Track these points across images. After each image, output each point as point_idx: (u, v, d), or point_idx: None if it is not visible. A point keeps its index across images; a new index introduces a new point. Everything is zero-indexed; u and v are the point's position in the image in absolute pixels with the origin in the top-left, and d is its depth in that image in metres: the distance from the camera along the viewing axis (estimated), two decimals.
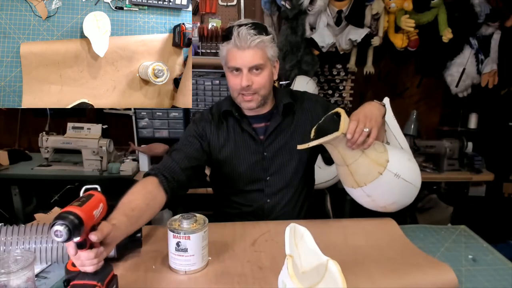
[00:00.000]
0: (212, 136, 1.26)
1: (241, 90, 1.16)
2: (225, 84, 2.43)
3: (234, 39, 1.11)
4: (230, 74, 1.18)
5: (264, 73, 1.16)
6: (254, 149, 1.25)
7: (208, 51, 2.48)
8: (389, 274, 0.89)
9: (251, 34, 1.10)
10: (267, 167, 1.26)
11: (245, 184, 1.27)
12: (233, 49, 1.13)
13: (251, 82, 1.15)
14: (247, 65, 1.13)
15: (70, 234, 0.67)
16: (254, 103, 1.19)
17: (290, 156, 1.26)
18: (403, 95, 2.75)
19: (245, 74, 1.14)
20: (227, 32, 1.15)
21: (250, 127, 1.25)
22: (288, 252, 0.75)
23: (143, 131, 2.52)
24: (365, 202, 1.13)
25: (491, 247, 1.07)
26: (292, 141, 1.26)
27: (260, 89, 1.17)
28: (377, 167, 1.03)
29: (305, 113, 1.29)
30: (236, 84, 1.16)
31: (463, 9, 2.39)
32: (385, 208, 1.13)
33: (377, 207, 1.14)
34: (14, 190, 2.33)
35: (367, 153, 1.04)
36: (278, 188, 1.27)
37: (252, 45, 1.11)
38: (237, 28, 1.11)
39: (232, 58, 1.14)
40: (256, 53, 1.13)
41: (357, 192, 1.09)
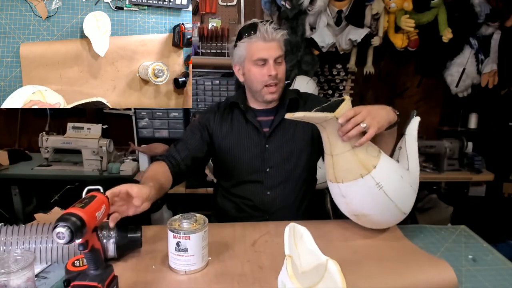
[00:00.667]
0: (215, 126, 1.33)
1: (269, 80, 1.23)
2: (225, 84, 2.43)
3: (261, 33, 1.20)
4: (255, 67, 1.24)
5: (283, 65, 1.27)
6: (257, 141, 1.30)
7: (208, 51, 2.48)
8: (389, 273, 0.90)
9: (274, 28, 1.22)
10: (268, 158, 1.30)
11: (246, 174, 1.31)
12: (258, 42, 1.22)
13: (277, 71, 1.24)
14: (274, 56, 1.22)
15: (72, 236, 0.67)
16: (276, 94, 1.27)
17: (291, 151, 1.30)
18: (403, 95, 2.75)
19: (272, 65, 1.22)
20: (247, 29, 1.24)
21: (255, 119, 1.31)
22: (288, 252, 0.75)
23: (143, 131, 2.52)
24: (339, 202, 1.09)
25: (491, 247, 1.07)
26: (294, 136, 1.31)
27: (281, 79, 1.27)
28: (361, 169, 0.98)
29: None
30: (263, 75, 1.23)
31: (463, 9, 2.39)
32: (357, 217, 1.08)
33: (350, 213, 1.09)
34: (14, 190, 2.33)
35: (357, 151, 0.98)
36: (278, 181, 1.30)
37: (276, 38, 1.22)
38: (262, 24, 1.22)
39: (258, 50, 1.22)
40: (278, 46, 1.24)
41: (334, 188, 1.05)
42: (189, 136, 1.32)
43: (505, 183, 2.64)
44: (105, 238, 0.92)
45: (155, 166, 1.21)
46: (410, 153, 1.08)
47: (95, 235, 0.75)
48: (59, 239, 0.67)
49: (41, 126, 2.51)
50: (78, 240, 0.69)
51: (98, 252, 0.75)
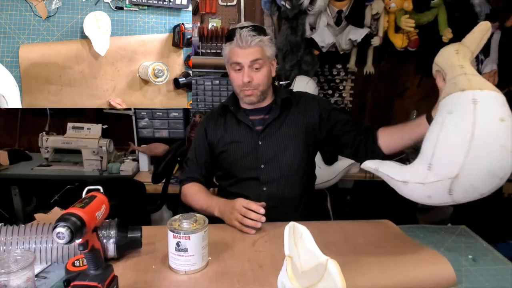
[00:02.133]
0: (211, 132, 1.39)
1: (243, 86, 1.29)
2: (225, 84, 2.43)
3: (236, 39, 1.24)
4: (233, 71, 1.30)
5: (263, 70, 1.29)
6: (250, 138, 1.34)
7: (208, 51, 2.48)
8: (388, 269, 0.90)
9: (251, 35, 1.23)
10: (261, 155, 1.33)
11: (242, 172, 1.34)
12: (235, 48, 1.26)
13: (252, 78, 1.27)
14: (247, 61, 1.25)
15: (72, 236, 0.67)
16: (254, 97, 1.31)
17: (285, 147, 1.33)
18: (403, 95, 2.75)
19: (246, 71, 1.26)
20: (230, 34, 1.28)
21: (246, 118, 1.35)
22: (287, 252, 0.75)
23: (143, 131, 2.52)
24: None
25: (491, 247, 1.07)
26: (287, 132, 1.34)
27: (259, 85, 1.29)
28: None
29: (301, 109, 1.37)
30: (238, 80, 1.29)
31: (463, 9, 2.39)
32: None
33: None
34: (14, 190, 2.33)
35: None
36: (274, 177, 1.32)
37: (252, 44, 1.24)
38: (239, 30, 1.24)
39: (234, 55, 1.27)
40: (256, 51, 1.25)
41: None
42: (196, 155, 1.41)
43: (505, 183, 2.64)
44: (105, 238, 0.92)
45: (195, 186, 1.36)
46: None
47: (95, 235, 0.75)
48: (59, 239, 0.67)
49: (41, 126, 2.51)
50: (78, 240, 0.69)
51: (98, 252, 0.75)
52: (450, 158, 0.83)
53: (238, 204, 1.13)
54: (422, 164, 0.88)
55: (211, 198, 1.28)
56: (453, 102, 0.86)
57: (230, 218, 1.14)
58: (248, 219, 1.10)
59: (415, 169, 0.90)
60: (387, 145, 1.22)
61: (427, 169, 0.86)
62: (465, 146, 0.80)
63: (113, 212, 0.89)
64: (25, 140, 2.71)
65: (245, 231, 1.10)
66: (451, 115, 0.84)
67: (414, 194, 0.91)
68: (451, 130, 0.83)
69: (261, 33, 1.26)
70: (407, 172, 0.92)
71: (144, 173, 2.38)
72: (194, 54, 2.38)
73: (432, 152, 0.86)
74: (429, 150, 0.87)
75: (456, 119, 0.83)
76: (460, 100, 0.84)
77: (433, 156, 0.85)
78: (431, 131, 0.89)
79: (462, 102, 0.83)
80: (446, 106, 0.88)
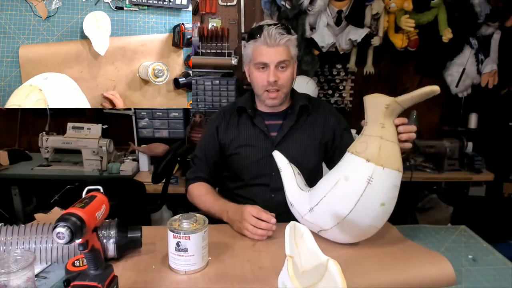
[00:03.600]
0: (222, 132, 1.33)
1: (268, 86, 1.22)
2: (225, 84, 2.43)
3: (264, 37, 1.18)
4: (256, 71, 1.24)
5: (288, 70, 1.23)
6: (264, 145, 1.29)
7: (208, 51, 2.48)
8: (387, 268, 0.90)
9: (280, 33, 1.18)
10: (274, 163, 1.27)
11: (252, 178, 1.31)
12: (261, 46, 1.20)
13: (278, 78, 1.21)
14: (275, 61, 1.19)
15: (72, 236, 0.67)
16: (278, 100, 1.25)
17: (298, 155, 1.28)
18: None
19: (272, 70, 1.20)
20: (255, 31, 1.22)
21: (262, 123, 1.30)
22: (288, 252, 0.75)
23: (143, 131, 2.52)
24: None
25: (491, 247, 1.07)
26: (302, 142, 1.30)
27: (284, 86, 1.24)
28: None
29: (319, 120, 1.34)
30: (263, 80, 1.22)
31: (463, 9, 2.39)
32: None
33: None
34: (14, 190, 2.33)
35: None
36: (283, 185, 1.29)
37: (280, 43, 1.19)
38: (267, 27, 1.18)
39: (260, 54, 1.20)
40: (283, 51, 1.20)
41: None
42: (205, 153, 1.35)
43: (505, 183, 2.64)
44: (105, 238, 0.92)
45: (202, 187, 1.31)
46: None
47: (95, 235, 0.75)
48: (59, 239, 0.67)
49: (41, 126, 2.51)
50: (78, 240, 0.69)
51: (98, 252, 0.75)
52: (326, 218, 0.98)
53: (247, 213, 1.08)
54: (307, 203, 1.04)
55: (219, 202, 1.23)
56: (355, 168, 0.95)
57: (240, 227, 1.09)
58: (259, 230, 1.06)
59: (303, 200, 1.06)
60: None
61: (308, 210, 1.03)
62: (340, 218, 0.96)
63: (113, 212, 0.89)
64: (25, 140, 2.71)
65: (256, 239, 1.06)
66: (346, 182, 0.94)
67: (296, 215, 1.09)
68: (338, 197, 0.96)
69: (289, 32, 1.22)
70: (300, 196, 1.08)
71: (144, 173, 2.38)
72: (194, 54, 2.38)
73: (317, 202, 1.00)
74: (316, 197, 1.01)
75: (347, 189, 0.94)
76: (361, 172, 0.93)
77: (316, 205, 1.00)
78: (326, 182, 1.01)
79: (359, 174, 0.93)
80: (348, 165, 0.97)
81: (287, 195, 1.12)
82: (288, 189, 1.12)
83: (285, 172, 1.13)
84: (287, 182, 1.12)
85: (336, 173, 0.98)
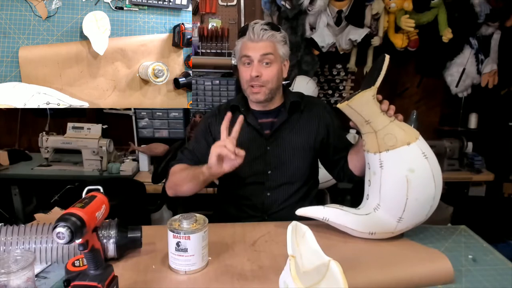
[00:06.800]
0: (216, 130, 1.31)
1: (251, 81, 1.24)
2: (225, 84, 2.43)
3: (248, 33, 1.23)
4: (242, 66, 1.27)
5: (273, 67, 1.24)
6: (258, 143, 1.30)
7: (208, 51, 2.48)
8: (387, 268, 0.91)
9: (263, 29, 1.22)
10: (269, 161, 1.30)
11: (247, 176, 1.30)
12: (247, 42, 1.24)
13: (260, 74, 1.23)
14: (258, 54, 1.22)
15: (72, 236, 0.67)
16: (261, 95, 1.26)
17: (293, 153, 1.30)
18: (403, 95, 2.75)
19: (256, 65, 1.22)
20: (243, 29, 1.27)
21: (256, 121, 1.31)
22: (290, 252, 0.75)
23: (143, 131, 2.52)
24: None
25: (491, 247, 1.07)
26: (297, 139, 1.31)
27: (268, 82, 1.24)
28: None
29: (313, 116, 1.34)
30: (247, 74, 1.25)
31: (463, 9, 2.39)
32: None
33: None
34: (14, 190, 2.33)
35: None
36: (279, 183, 1.30)
37: (264, 38, 1.22)
38: (253, 24, 1.23)
39: (245, 49, 1.24)
40: (267, 45, 1.23)
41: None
42: (195, 146, 1.34)
43: (505, 183, 2.64)
44: (105, 238, 0.92)
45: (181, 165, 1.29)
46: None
47: (95, 235, 0.75)
48: (59, 239, 0.67)
49: (41, 126, 2.51)
50: (78, 240, 0.69)
51: (98, 252, 0.75)
52: (419, 212, 1.02)
53: (213, 146, 1.07)
54: (388, 218, 1.03)
55: (195, 167, 1.19)
56: (407, 157, 0.98)
57: (211, 156, 1.06)
58: (224, 148, 1.04)
59: (373, 219, 1.04)
60: (354, 168, 1.27)
61: (397, 221, 1.02)
62: (432, 201, 1.01)
63: (113, 212, 0.89)
64: (25, 140, 2.71)
65: (225, 153, 1.04)
66: (415, 173, 0.97)
67: (384, 236, 1.06)
68: (420, 188, 0.98)
69: (275, 30, 1.24)
70: (373, 221, 1.05)
71: (144, 173, 2.38)
72: (194, 54, 2.38)
73: (402, 209, 1.00)
74: (397, 208, 1.01)
75: (420, 177, 0.98)
76: (415, 155, 0.98)
77: (404, 211, 1.01)
78: (391, 192, 1.01)
79: (416, 157, 0.97)
80: (398, 161, 0.98)
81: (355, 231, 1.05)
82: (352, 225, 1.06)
83: (332, 214, 1.09)
84: (345, 221, 1.07)
85: (392, 177, 0.99)
